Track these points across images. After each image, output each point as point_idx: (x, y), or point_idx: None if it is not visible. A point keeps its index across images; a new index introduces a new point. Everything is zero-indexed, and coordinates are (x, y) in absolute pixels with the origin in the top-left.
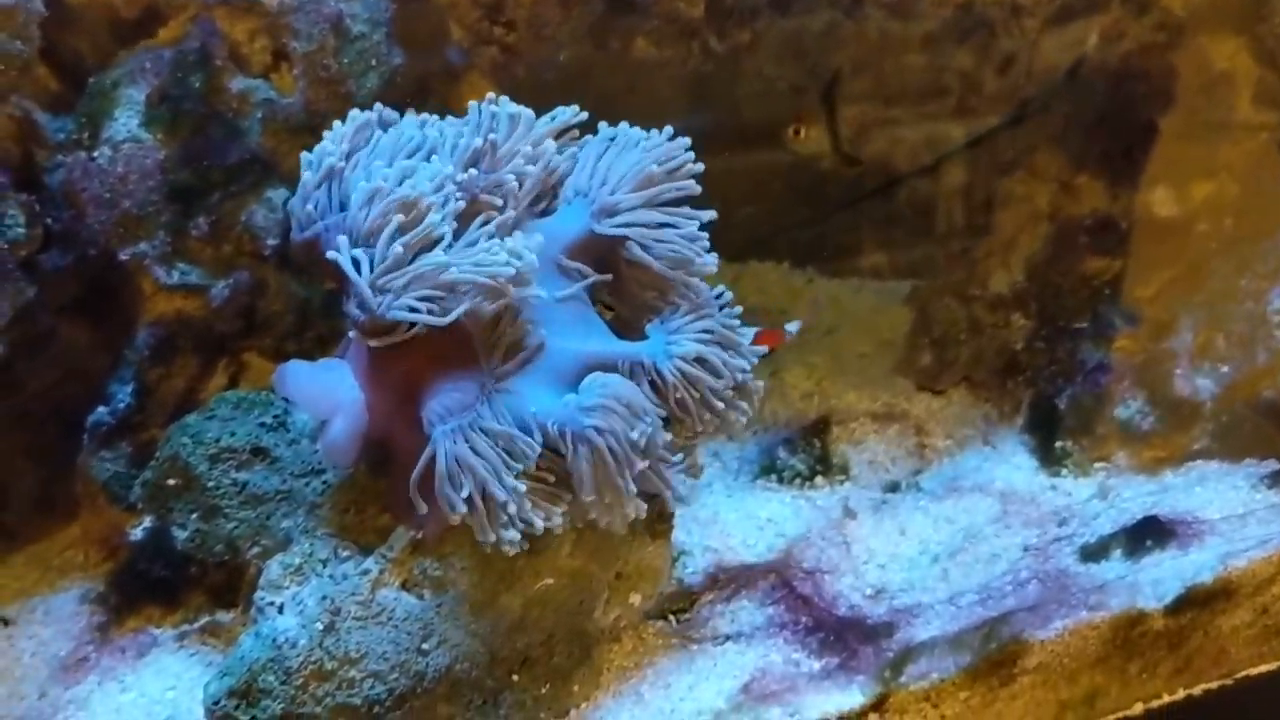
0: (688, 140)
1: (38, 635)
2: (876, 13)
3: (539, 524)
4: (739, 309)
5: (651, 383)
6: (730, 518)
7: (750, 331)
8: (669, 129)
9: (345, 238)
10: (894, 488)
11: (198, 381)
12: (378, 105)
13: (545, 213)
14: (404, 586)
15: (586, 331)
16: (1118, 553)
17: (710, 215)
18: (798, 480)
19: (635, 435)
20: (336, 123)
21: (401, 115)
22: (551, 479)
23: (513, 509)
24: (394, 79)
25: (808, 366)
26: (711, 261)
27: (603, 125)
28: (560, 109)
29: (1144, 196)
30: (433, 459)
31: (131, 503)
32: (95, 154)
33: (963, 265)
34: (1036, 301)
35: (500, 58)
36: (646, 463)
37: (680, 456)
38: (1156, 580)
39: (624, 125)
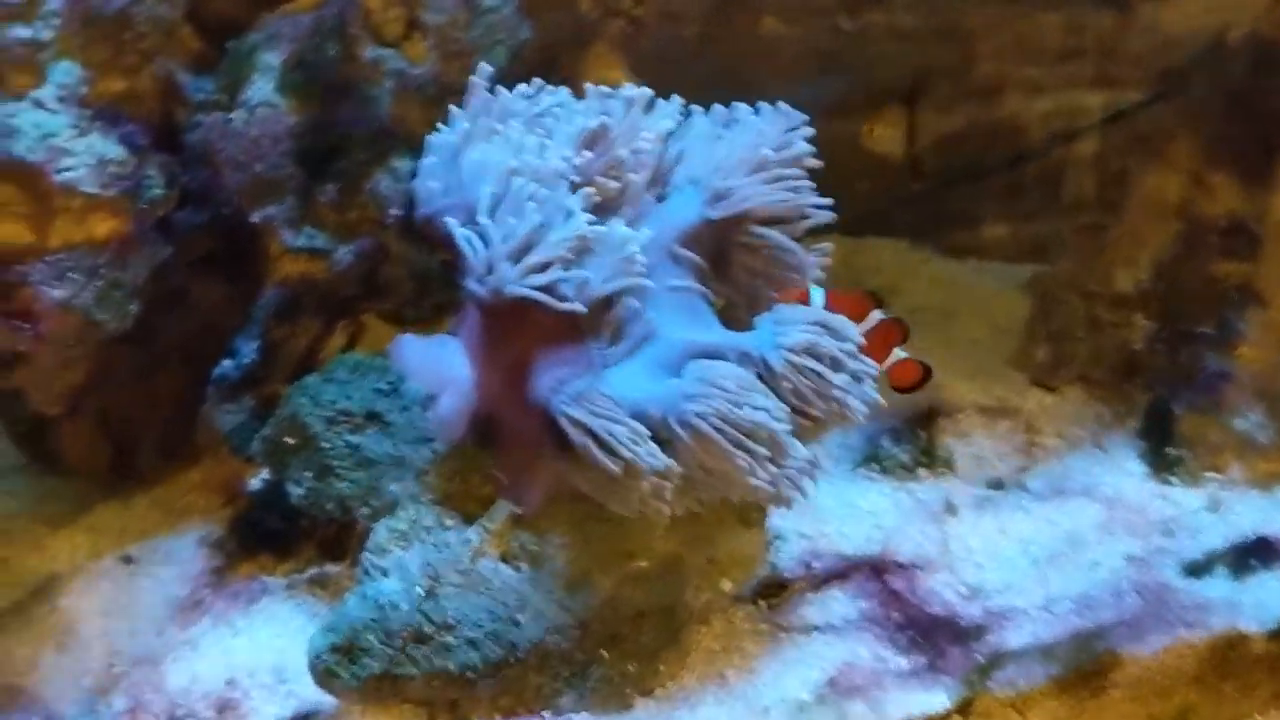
0: (803, 117)
1: (157, 575)
2: None
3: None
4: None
5: (760, 375)
6: (828, 505)
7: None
8: (781, 104)
9: (461, 215)
10: (998, 485)
11: (319, 341)
12: (498, 86)
13: (656, 199)
14: (502, 558)
15: (694, 321)
16: (1222, 570)
17: (827, 215)
18: (900, 471)
19: (740, 415)
20: (455, 108)
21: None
22: None
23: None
24: (521, 52)
25: (918, 351)
26: (826, 249)
27: (715, 106)
28: (670, 100)
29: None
30: (543, 432)
31: (251, 455)
32: (232, 116)
33: (1089, 242)
34: (1160, 302)
35: (628, 29)
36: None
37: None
38: (1260, 602)
39: (736, 106)
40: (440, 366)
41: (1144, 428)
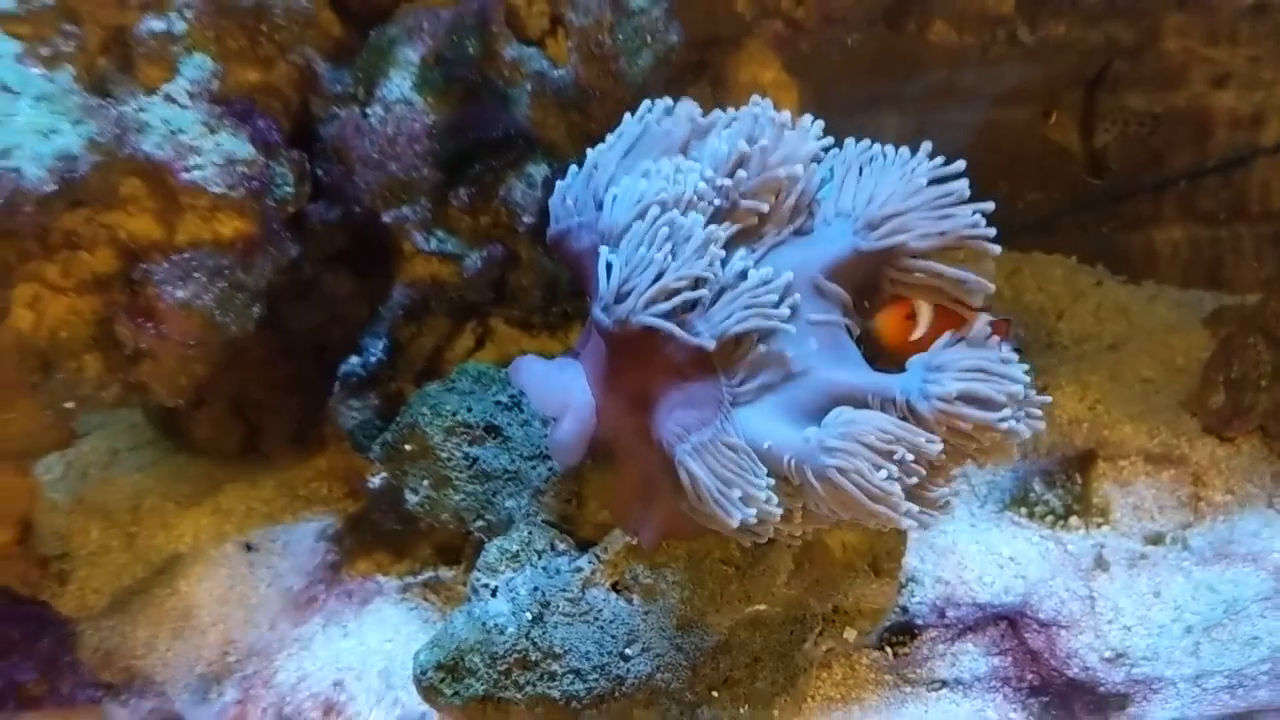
0: (961, 165)
1: (275, 566)
2: None
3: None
4: (1015, 346)
5: (905, 420)
6: (969, 550)
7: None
8: (927, 145)
9: (592, 238)
10: (1157, 540)
11: (445, 342)
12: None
13: (800, 231)
14: (614, 588)
15: (838, 360)
16: None
17: (989, 236)
18: (1050, 518)
19: (880, 479)
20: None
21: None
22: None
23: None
24: (668, 57)
25: (1082, 385)
26: (989, 283)
27: (849, 142)
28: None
29: None
30: (665, 469)
31: (371, 456)
32: (368, 111)
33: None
34: None
35: (784, 32)
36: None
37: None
38: None
39: (879, 146)
40: (561, 390)
41: None
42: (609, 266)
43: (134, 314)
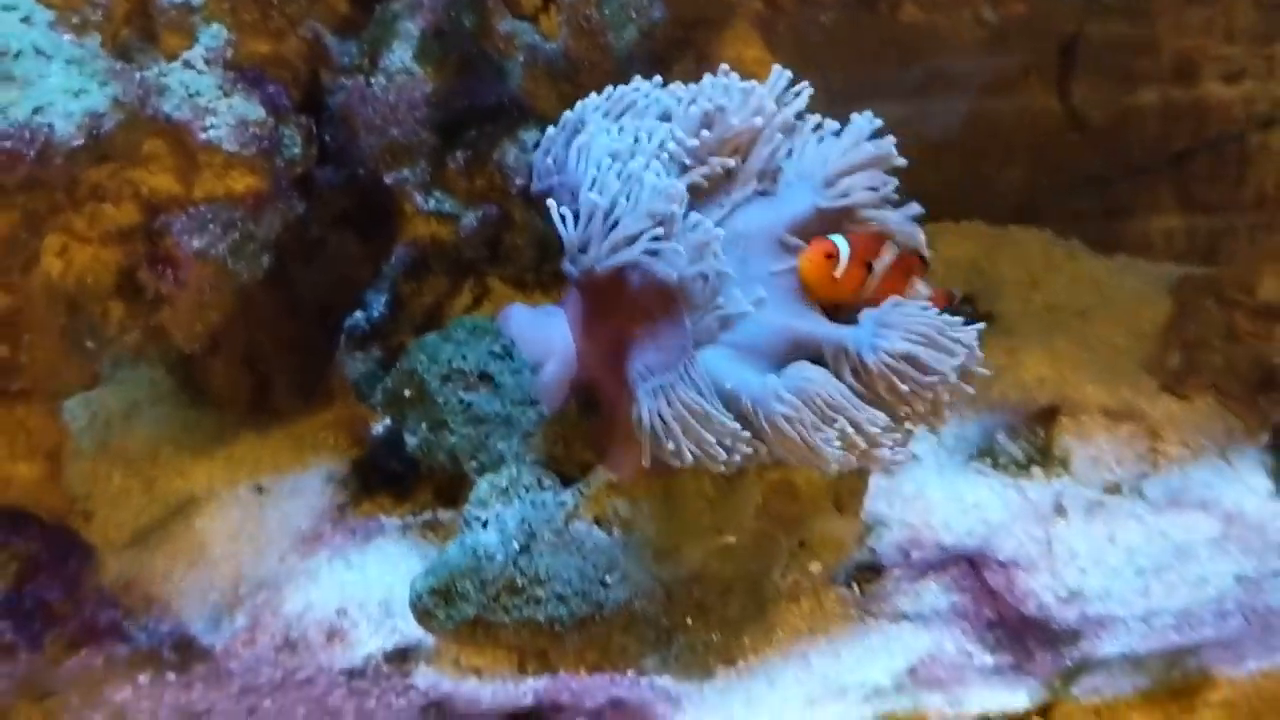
0: (879, 123)
1: (284, 507)
2: None
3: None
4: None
5: (854, 370)
6: (935, 496)
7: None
8: (868, 115)
9: (567, 195)
10: (1114, 489)
11: (445, 299)
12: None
13: (766, 193)
14: (596, 521)
15: (797, 308)
16: None
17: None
18: (1013, 467)
19: (818, 439)
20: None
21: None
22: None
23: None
24: (652, 32)
25: (1050, 350)
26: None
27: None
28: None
29: None
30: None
31: (374, 403)
32: (372, 81)
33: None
34: None
35: (765, 12)
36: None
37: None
38: None
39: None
40: (545, 336)
41: (1273, 444)
42: (572, 219)
43: (154, 262)
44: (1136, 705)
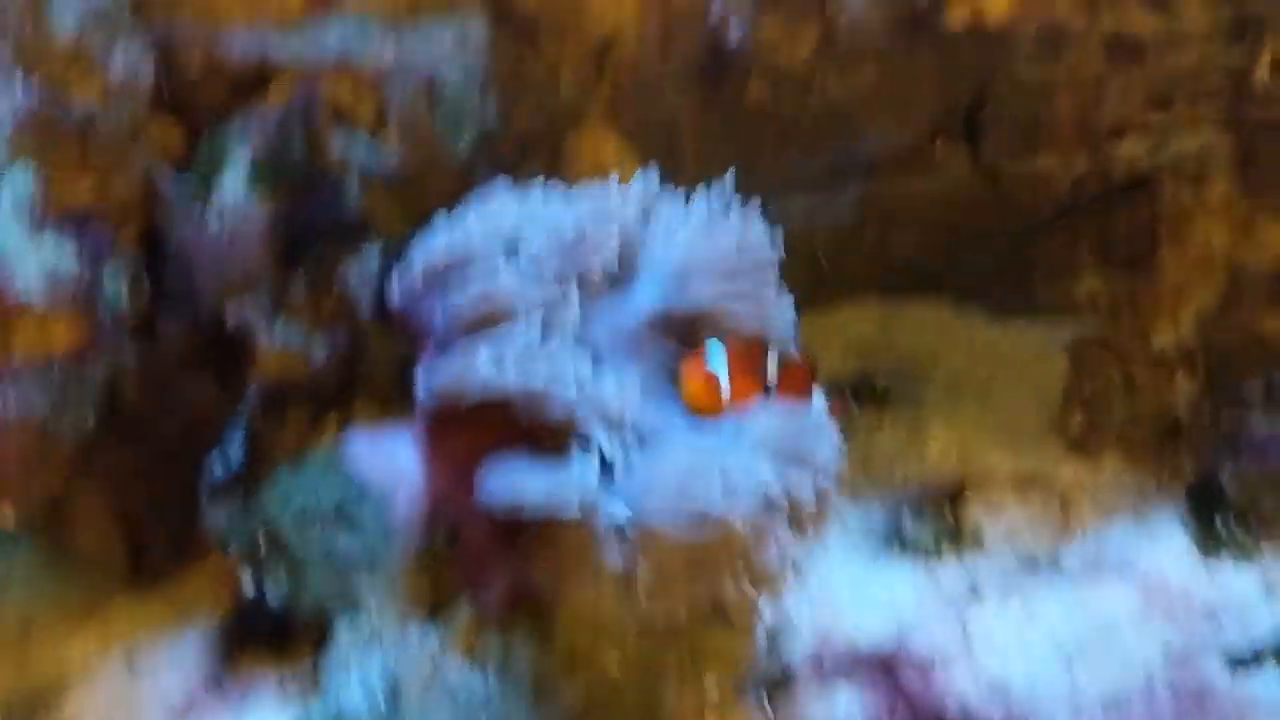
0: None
1: (159, 679)
2: None
3: None
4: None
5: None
6: (844, 593)
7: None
8: (727, 186)
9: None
10: (1030, 564)
11: (310, 432)
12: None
13: (623, 286)
14: (468, 662)
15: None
16: (1273, 664)
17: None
18: (923, 550)
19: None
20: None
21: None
22: None
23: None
24: (489, 137)
25: (953, 423)
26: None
27: (670, 192)
28: (642, 180)
29: None
30: (495, 532)
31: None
32: (207, 214)
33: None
34: (1203, 361)
35: (610, 104)
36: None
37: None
38: None
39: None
40: (389, 462)
41: (1189, 499)
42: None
43: None
44: None
